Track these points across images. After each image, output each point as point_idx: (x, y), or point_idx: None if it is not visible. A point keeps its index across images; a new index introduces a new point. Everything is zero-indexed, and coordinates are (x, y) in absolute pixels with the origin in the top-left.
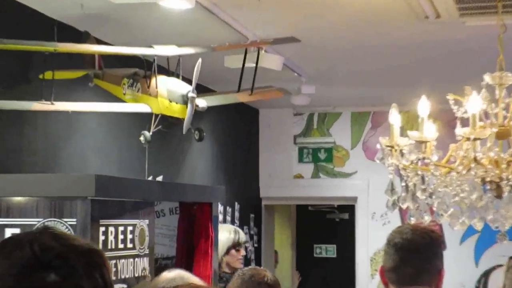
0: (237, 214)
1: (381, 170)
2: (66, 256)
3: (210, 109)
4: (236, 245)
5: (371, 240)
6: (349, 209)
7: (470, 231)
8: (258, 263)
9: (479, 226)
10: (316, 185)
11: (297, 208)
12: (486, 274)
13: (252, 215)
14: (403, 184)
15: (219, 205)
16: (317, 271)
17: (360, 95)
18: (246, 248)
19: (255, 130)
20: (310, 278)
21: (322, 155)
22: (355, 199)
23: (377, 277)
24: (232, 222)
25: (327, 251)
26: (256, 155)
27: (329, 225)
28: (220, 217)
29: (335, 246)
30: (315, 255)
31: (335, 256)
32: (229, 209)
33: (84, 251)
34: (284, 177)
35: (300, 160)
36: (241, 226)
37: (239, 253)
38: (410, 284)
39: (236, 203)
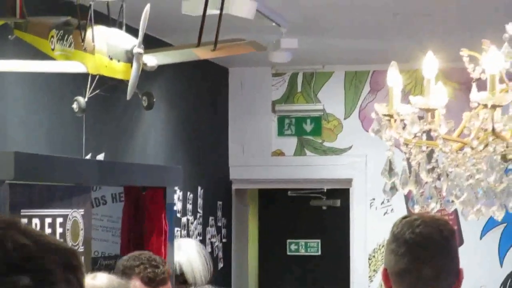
0: (200, 201)
1: (383, 145)
2: (41, 257)
3: (165, 68)
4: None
5: (370, 234)
6: (341, 194)
7: (493, 222)
8: (227, 262)
9: (498, 215)
10: (301, 164)
11: (273, 192)
12: None
13: (219, 203)
14: (404, 163)
15: (177, 191)
16: (294, 272)
17: (356, 49)
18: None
19: (223, 95)
20: (284, 281)
21: (308, 127)
22: (349, 181)
23: (377, 279)
24: (195, 211)
25: (307, 247)
26: (225, 127)
27: (313, 214)
28: (179, 206)
29: (319, 241)
30: (288, 252)
31: (319, 253)
32: (190, 195)
33: (60, 251)
34: (260, 155)
35: (281, 132)
36: (205, 216)
37: None
38: None
39: (199, 188)
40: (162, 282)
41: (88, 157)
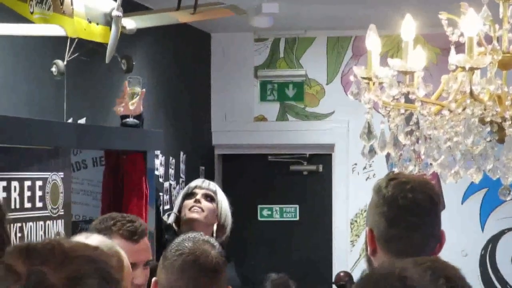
0: (182, 166)
1: (365, 110)
2: None
3: (147, 33)
4: (185, 195)
5: (352, 199)
6: (322, 159)
7: (474, 186)
8: None
9: (476, 178)
10: (283, 129)
11: (251, 157)
12: (493, 240)
13: (202, 168)
14: (383, 125)
15: (159, 155)
16: (267, 238)
17: (338, 14)
18: (211, 198)
19: (206, 60)
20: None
21: (290, 92)
22: (331, 146)
23: (359, 244)
24: (177, 177)
25: (283, 212)
26: (207, 92)
27: (292, 180)
28: (162, 170)
29: (297, 206)
30: (260, 218)
31: (297, 219)
32: (172, 160)
33: None
34: (242, 120)
35: (263, 98)
36: (188, 181)
37: (191, 200)
38: (414, 254)
39: (181, 153)
40: (142, 234)
41: (70, 121)
